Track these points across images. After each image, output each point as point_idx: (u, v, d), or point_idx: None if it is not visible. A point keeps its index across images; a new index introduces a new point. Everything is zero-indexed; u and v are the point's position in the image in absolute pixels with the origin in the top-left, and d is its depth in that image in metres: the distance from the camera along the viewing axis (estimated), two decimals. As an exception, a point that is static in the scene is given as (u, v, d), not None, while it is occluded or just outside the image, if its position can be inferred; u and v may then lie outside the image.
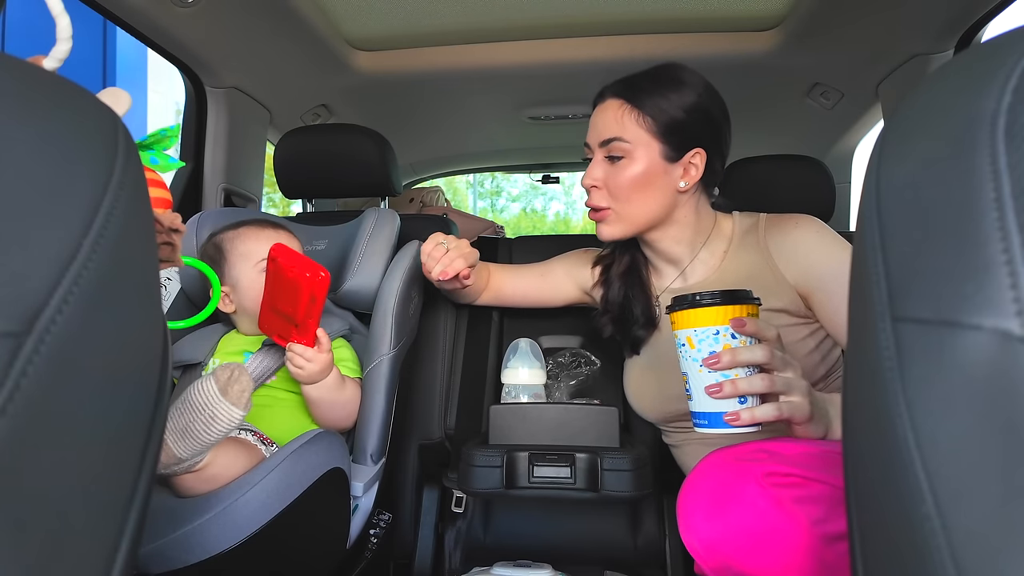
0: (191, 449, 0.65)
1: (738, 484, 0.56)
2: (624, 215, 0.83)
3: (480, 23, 1.33)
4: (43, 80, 0.26)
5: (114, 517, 0.27)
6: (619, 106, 0.81)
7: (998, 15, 1.11)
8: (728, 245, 0.87)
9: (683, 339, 0.64)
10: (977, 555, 0.20)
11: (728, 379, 0.60)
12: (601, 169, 0.82)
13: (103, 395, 0.26)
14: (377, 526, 1.00)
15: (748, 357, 0.59)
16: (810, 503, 0.54)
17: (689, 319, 0.63)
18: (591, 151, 0.85)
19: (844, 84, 1.43)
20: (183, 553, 0.66)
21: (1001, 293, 0.20)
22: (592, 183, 0.82)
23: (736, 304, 0.61)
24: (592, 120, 0.85)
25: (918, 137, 0.25)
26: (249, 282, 0.95)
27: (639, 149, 0.80)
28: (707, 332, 0.61)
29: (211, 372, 0.67)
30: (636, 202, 0.82)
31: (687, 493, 0.61)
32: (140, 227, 0.28)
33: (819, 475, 0.56)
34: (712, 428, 0.61)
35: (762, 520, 0.54)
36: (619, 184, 0.81)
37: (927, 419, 0.22)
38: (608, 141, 0.81)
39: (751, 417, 0.59)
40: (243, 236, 0.97)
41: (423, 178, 2.35)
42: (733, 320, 0.60)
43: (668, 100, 0.79)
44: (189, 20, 1.13)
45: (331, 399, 0.89)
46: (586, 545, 1.08)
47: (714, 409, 0.61)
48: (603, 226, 0.85)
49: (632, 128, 0.80)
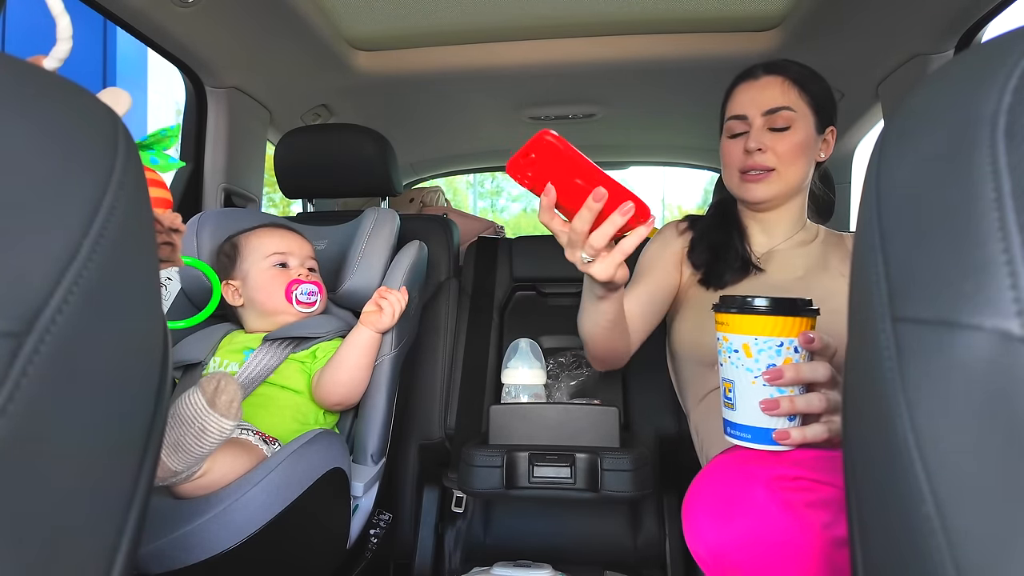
0: (185, 462, 0.64)
1: (746, 489, 0.55)
2: (785, 177, 0.90)
3: (480, 23, 1.33)
4: (43, 80, 0.26)
5: (114, 517, 0.27)
6: (781, 82, 0.90)
7: (998, 15, 1.11)
8: (815, 238, 0.97)
9: (737, 345, 0.57)
10: (977, 555, 0.20)
11: (785, 395, 0.56)
12: (767, 136, 0.90)
13: (104, 395, 0.26)
14: (377, 526, 1.00)
15: (811, 375, 0.56)
16: (820, 507, 0.53)
17: (747, 325, 0.57)
18: (747, 122, 0.90)
19: (844, 84, 1.43)
20: (183, 553, 0.66)
21: (1001, 293, 0.20)
22: (759, 145, 0.89)
23: (805, 316, 0.56)
24: (747, 95, 0.92)
25: (918, 137, 0.25)
26: (259, 272, 0.98)
27: (801, 120, 0.89)
28: (770, 343, 0.56)
29: (197, 384, 0.66)
30: (797, 166, 0.90)
31: (692, 498, 0.59)
32: (140, 227, 0.28)
33: (828, 478, 0.55)
34: (755, 444, 0.57)
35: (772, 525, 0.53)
36: (786, 148, 0.89)
37: (927, 419, 0.22)
38: (776, 110, 0.88)
39: (802, 437, 0.56)
40: (257, 233, 1.02)
41: (423, 178, 2.35)
42: (802, 335, 0.56)
43: (816, 83, 0.91)
44: (189, 20, 1.13)
45: (369, 357, 0.93)
46: (586, 545, 1.08)
47: (762, 424, 0.57)
48: (761, 186, 0.90)
49: (796, 101, 0.89)
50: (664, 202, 11.38)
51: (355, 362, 0.91)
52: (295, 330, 0.95)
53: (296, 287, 0.97)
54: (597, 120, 1.78)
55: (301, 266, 1.00)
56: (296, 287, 0.97)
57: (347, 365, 0.91)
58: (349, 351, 0.91)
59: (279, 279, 0.97)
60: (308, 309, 0.98)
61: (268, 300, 0.97)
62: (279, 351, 0.93)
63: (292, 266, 0.99)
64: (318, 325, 0.98)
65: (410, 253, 1.06)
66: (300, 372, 0.94)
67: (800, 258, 0.93)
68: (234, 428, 0.66)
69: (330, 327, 0.98)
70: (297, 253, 1.01)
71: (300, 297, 0.97)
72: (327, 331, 0.98)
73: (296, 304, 0.97)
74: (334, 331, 0.99)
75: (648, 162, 2.33)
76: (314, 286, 0.99)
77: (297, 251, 1.01)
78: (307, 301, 0.98)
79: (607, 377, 1.10)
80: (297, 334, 0.95)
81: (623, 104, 1.68)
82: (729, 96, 0.95)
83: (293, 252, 1.01)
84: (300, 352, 0.95)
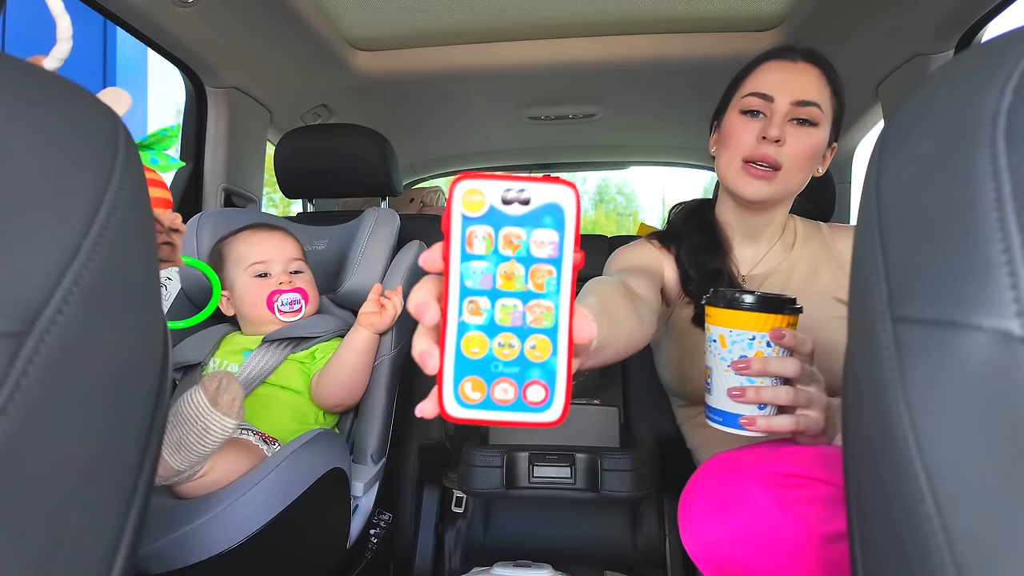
0: (188, 461, 0.65)
1: (740, 485, 0.56)
2: (788, 180, 0.80)
3: (480, 23, 1.33)
4: (43, 80, 0.26)
5: (114, 517, 0.27)
6: (819, 76, 0.80)
7: (998, 15, 1.11)
8: (795, 239, 0.90)
9: (715, 335, 0.62)
10: (977, 555, 0.20)
11: (753, 385, 0.59)
12: (788, 128, 0.79)
13: (103, 395, 0.26)
14: (377, 526, 1.00)
15: (779, 369, 0.58)
16: (815, 503, 0.54)
17: (726, 318, 0.61)
18: (770, 105, 0.79)
19: (844, 84, 1.43)
20: (183, 553, 0.66)
21: (1001, 293, 0.20)
22: (780, 136, 0.77)
23: (779, 313, 0.59)
24: (779, 74, 0.80)
25: (918, 137, 0.25)
26: (241, 286, 0.96)
27: (824, 123, 0.80)
28: (743, 336, 0.60)
29: (199, 383, 0.66)
30: (804, 172, 0.81)
31: (688, 496, 0.60)
32: (140, 227, 0.28)
33: (822, 474, 0.55)
34: (725, 427, 0.61)
35: (766, 521, 0.54)
36: (802, 148, 0.78)
37: (927, 419, 0.22)
38: (807, 103, 0.78)
39: (767, 426, 0.58)
40: (237, 241, 1.00)
41: (423, 178, 2.35)
42: (772, 331, 0.59)
43: (842, 91, 0.82)
44: (189, 20, 1.13)
45: (368, 358, 0.93)
46: (586, 545, 1.08)
47: (731, 410, 0.61)
48: (764, 185, 0.79)
49: (826, 101, 0.80)
50: (664, 202, 11.37)
51: (354, 363, 0.91)
52: (294, 330, 0.95)
53: (277, 298, 0.95)
54: (597, 120, 1.78)
55: (284, 271, 0.98)
56: (277, 298, 0.95)
57: (346, 367, 0.90)
58: (347, 353, 0.91)
59: (261, 290, 0.95)
60: (292, 318, 0.96)
61: (252, 311, 0.96)
62: (278, 351, 0.93)
63: (274, 274, 0.97)
64: (317, 325, 0.98)
65: (410, 253, 1.06)
66: (299, 372, 0.94)
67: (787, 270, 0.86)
68: (236, 427, 0.66)
69: (329, 327, 0.98)
70: (278, 259, 0.98)
71: (282, 307, 0.96)
72: (326, 331, 0.98)
73: (278, 314, 0.95)
74: (333, 331, 0.99)
75: (648, 162, 2.33)
76: (296, 294, 0.97)
77: (277, 256, 0.98)
78: (289, 310, 0.96)
79: (607, 377, 1.10)
80: (296, 334, 0.95)
81: (623, 104, 1.68)
82: (752, 70, 0.83)
83: (273, 259, 0.98)
84: (299, 352, 0.95)
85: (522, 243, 0.29)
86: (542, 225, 0.29)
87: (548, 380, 0.30)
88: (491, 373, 0.30)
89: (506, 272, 0.29)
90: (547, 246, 0.29)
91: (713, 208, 0.92)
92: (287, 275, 0.98)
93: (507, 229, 0.29)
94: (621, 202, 13.04)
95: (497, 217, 0.29)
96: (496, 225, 0.29)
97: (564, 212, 0.29)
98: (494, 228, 0.29)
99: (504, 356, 0.30)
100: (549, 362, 0.29)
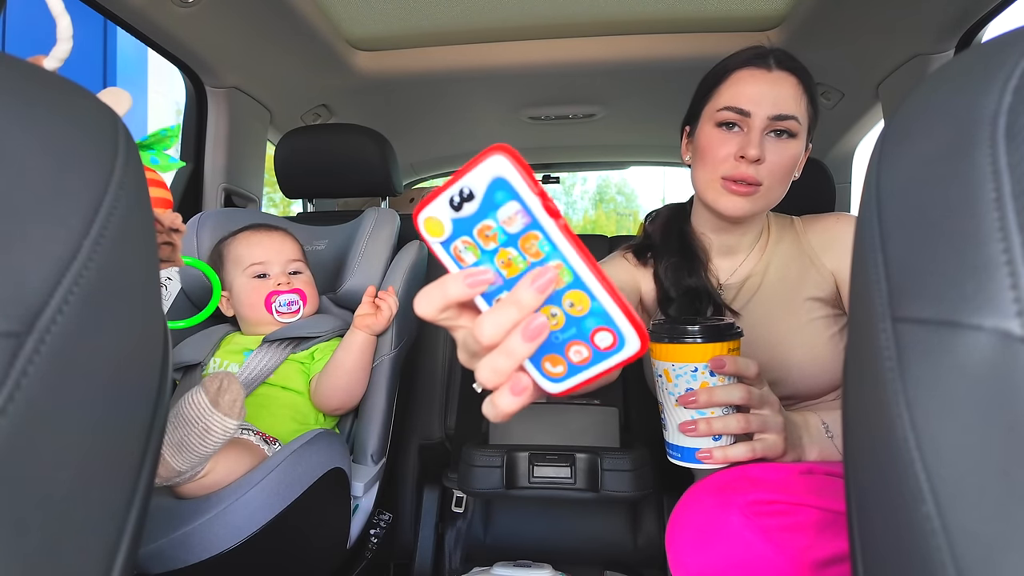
0: (189, 462, 0.65)
1: (722, 516, 0.55)
2: (768, 195, 0.78)
3: (480, 23, 1.33)
4: (43, 80, 0.26)
5: (114, 517, 0.27)
6: (795, 85, 0.77)
7: (998, 15, 1.11)
8: (768, 239, 0.87)
9: (660, 371, 0.61)
10: (977, 555, 0.20)
11: (703, 416, 0.58)
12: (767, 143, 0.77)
13: (103, 395, 0.26)
14: (377, 526, 1.00)
15: (725, 398, 0.58)
16: (798, 530, 0.53)
17: (668, 352, 0.60)
18: (747, 119, 0.76)
19: (844, 84, 1.43)
20: (183, 553, 0.66)
21: (1001, 293, 0.20)
22: (758, 155, 0.75)
23: (718, 341, 0.58)
24: (754, 86, 0.77)
25: (918, 137, 0.25)
26: (240, 287, 0.97)
27: (801, 134, 0.78)
28: (685, 368, 0.59)
29: (200, 384, 0.66)
30: (784, 184, 0.79)
31: (673, 527, 0.60)
32: (140, 227, 0.28)
33: (805, 499, 0.55)
34: (684, 462, 0.60)
35: (751, 553, 0.53)
36: (780, 162, 0.76)
37: (927, 419, 0.22)
38: (786, 117, 0.76)
39: (724, 457, 0.58)
40: (236, 242, 1.00)
41: (423, 178, 2.35)
42: (712, 360, 0.58)
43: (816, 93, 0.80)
44: (189, 20, 1.13)
45: (366, 360, 0.93)
46: (586, 545, 1.08)
47: (688, 445, 0.60)
48: (745, 202, 0.77)
49: (803, 112, 0.78)
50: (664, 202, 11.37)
51: (352, 366, 0.91)
52: (294, 330, 0.95)
53: (275, 298, 0.96)
54: (597, 120, 1.78)
55: (282, 272, 0.98)
56: (275, 298, 0.96)
57: (344, 369, 0.91)
58: (345, 355, 0.91)
59: (259, 291, 0.96)
60: (290, 319, 0.97)
61: (251, 312, 0.96)
62: (278, 352, 0.93)
63: (272, 275, 0.97)
64: (316, 325, 0.98)
65: (410, 253, 1.06)
66: (299, 372, 0.94)
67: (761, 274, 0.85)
68: (238, 428, 0.66)
69: (329, 327, 0.98)
70: (276, 259, 0.98)
71: (280, 308, 0.96)
72: (326, 331, 0.98)
73: (276, 315, 0.95)
74: (332, 331, 0.99)
75: (648, 162, 2.33)
76: (295, 294, 0.97)
77: (275, 257, 0.99)
78: (288, 311, 0.96)
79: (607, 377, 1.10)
80: (296, 334, 0.95)
81: (623, 104, 1.68)
82: (724, 78, 0.79)
83: (271, 260, 0.98)
84: (299, 352, 0.95)
85: (496, 229, 0.29)
86: (499, 204, 0.28)
87: (606, 322, 0.29)
88: (557, 345, 0.30)
89: (504, 261, 0.29)
90: (516, 218, 0.28)
91: (688, 217, 0.89)
92: (285, 276, 0.98)
93: (477, 227, 0.29)
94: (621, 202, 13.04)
95: (462, 225, 0.29)
96: (466, 231, 0.29)
97: (508, 180, 0.28)
98: (467, 235, 0.29)
99: (556, 327, 0.30)
100: (595, 308, 0.29)
